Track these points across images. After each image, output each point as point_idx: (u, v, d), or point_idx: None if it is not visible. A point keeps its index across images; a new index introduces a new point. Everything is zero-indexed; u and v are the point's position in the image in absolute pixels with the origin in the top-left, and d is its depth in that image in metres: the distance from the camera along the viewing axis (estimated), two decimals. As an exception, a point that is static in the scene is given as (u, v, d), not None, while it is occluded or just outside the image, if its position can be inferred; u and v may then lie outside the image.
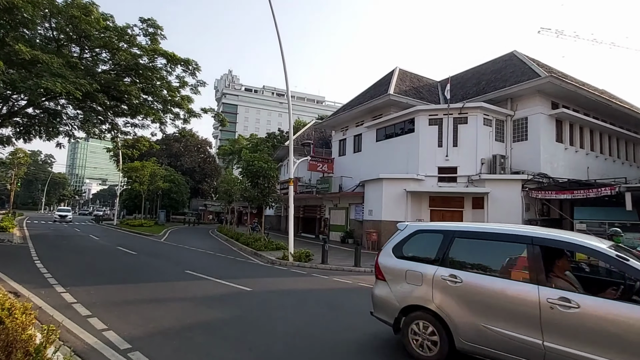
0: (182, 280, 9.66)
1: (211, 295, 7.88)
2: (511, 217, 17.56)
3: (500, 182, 18.15)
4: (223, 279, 9.82)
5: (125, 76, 21.00)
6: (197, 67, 20.64)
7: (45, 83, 14.91)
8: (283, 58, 15.23)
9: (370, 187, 21.89)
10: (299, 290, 9.18)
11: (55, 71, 15.62)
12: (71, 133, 23.23)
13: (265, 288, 9.11)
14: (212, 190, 67.21)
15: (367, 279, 11.34)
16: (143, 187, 36.27)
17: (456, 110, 19.64)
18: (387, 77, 26.69)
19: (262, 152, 31.11)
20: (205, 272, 10.88)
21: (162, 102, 21.10)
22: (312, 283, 10.23)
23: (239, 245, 20.63)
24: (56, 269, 10.33)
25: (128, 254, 15.22)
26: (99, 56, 20.47)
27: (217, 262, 14.32)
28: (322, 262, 13.82)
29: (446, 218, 19.60)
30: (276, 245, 18.37)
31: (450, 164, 19.64)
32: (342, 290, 9.45)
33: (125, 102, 21.62)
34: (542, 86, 18.66)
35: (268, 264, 14.44)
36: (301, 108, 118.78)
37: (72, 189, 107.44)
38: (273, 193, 20.01)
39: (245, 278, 10.36)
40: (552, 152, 19.33)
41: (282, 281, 10.37)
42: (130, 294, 7.76)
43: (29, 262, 11.52)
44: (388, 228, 19.94)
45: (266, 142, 48.16)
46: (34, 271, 9.95)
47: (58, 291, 7.65)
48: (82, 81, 16.79)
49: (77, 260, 12.76)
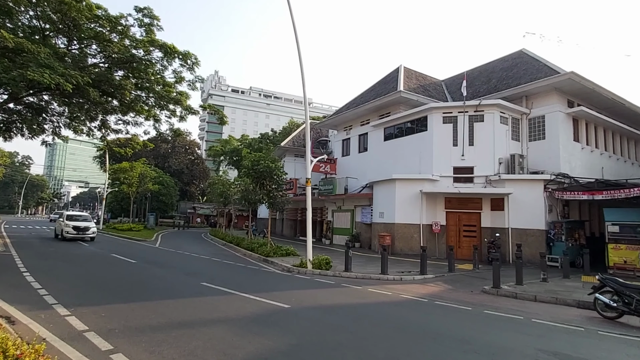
0: (203, 295, 8.35)
1: (247, 316, 6.63)
2: (534, 219, 16.85)
3: (521, 182, 17.36)
4: (249, 292, 8.56)
5: (118, 70, 19.44)
6: (197, 62, 19.25)
7: (32, 74, 13.34)
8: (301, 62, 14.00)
9: (381, 188, 20.86)
10: (344, 305, 7.97)
11: (43, 61, 14.05)
12: (57, 131, 21.47)
13: (303, 304, 7.88)
14: (200, 193, 65.20)
15: (403, 288, 10.27)
16: (132, 189, 34.35)
17: (472, 107, 18.81)
18: (393, 75, 25.79)
19: (269, 151, 29.68)
20: (224, 284, 9.59)
21: (158, 98, 19.56)
22: (350, 296, 9.05)
23: (243, 251, 19.31)
24: (51, 283, 8.88)
25: (126, 262, 13.72)
26: (89, 48, 18.86)
27: (230, 271, 12.99)
28: (345, 270, 12.65)
29: (463, 220, 18.75)
30: (286, 251, 17.12)
31: (466, 164, 18.78)
32: (390, 304, 8.31)
33: (117, 98, 20.06)
34: (561, 83, 18.02)
35: (285, 272, 13.19)
36: (289, 110, 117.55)
37: (51, 192, 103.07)
38: (281, 195, 18.70)
39: (273, 291, 9.11)
40: (570, 152, 18.70)
41: (315, 294, 9.16)
42: (151, 315, 6.44)
43: (17, 274, 9.98)
44: (402, 231, 19.00)
45: (259, 143, 46.72)
46: (25, 286, 8.48)
47: (61, 314, 6.28)
48: (73, 72, 15.26)
49: (72, 271, 11.25)
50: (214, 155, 54.63)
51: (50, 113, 20.10)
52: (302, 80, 13.98)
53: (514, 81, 20.20)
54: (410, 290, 10.14)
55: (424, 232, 18.59)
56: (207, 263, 14.71)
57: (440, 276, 12.80)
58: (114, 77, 18.52)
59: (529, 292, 10.00)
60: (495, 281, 10.53)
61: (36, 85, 15.48)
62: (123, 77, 18.92)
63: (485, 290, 10.45)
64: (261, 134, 51.10)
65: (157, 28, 18.49)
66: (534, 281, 11.84)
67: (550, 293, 9.86)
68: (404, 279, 12.04)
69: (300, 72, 13.93)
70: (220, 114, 21.31)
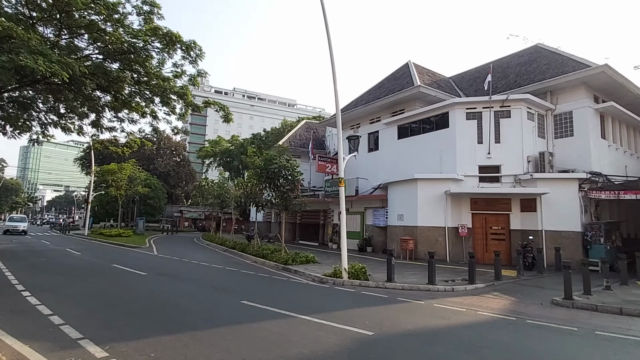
0: (256, 319, 6.86)
1: (336, 350, 5.22)
2: (569, 221, 15.98)
3: (554, 181, 16.48)
4: (306, 313, 7.15)
5: (113, 62, 17.59)
6: (201, 54, 17.53)
7: (25, 60, 11.53)
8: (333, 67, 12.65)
9: (398, 189, 19.69)
10: (434, 330, 6.54)
11: (35, 48, 12.24)
12: (45, 129, 19.41)
13: (385, 329, 6.45)
14: (184, 196, 62.74)
15: (469, 302, 9.04)
16: (120, 192, 32.09)
17: (497, 103, 17.86)
18: (403, 71, 24.74)
19: (282, 150, 28.01)
20: (267, 301, 8.12)
21: (160, 92, 17.78)
22: (426, 315, 7.66)
23: (252, 258, 17.77)
24: (61, 306, 7.24)
25: (135, 274, 12.03)
26: (80, 38, 16.97)
27: (258, 283, 11.48)
28: (388, 280, 11.34)
29: (490, 222, 17.74)
30: (305, 258, 15.70)
31: (492, 163, 17.80)
32: (482, 326, 7.03)
33: (112, 93, 18.21)
34: (591, 78, 17.30)
35: (317, 282, 11.79)
36: (274, 111, 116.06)
37: (26, 196, 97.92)
38: (296, 197, 17.24)
39: (332, 310, 7.71)
40: (599, 149, 18.00)
41: (384, 313, 7.74)
42: (215, 354, 4.95)
43: (14, 294, 8.26)
44: (425, 235, 17.86)
45: (251, 144, 44.98)
46: (31, 312, 6.82)
47: (96, 356, 4.73)
48: (70, 60, 13.49)
49: (78, 288, 9.53)
50: (204, 157, 52.43)
51: (39, 109, 18.04)
52: (333, 72, 12.65)
53: (537, 76, 19.40)
54: (477, 304, 8.91)
55: (449, 235, 17.50)
56: (227, 275, 13.13)
57: (491, 285, 11.65)
58: (111, 69, 16.76)
59: (610, 303, 8.91)
60: (568, 291, 9.40)
61: (28, 75, 13.59)
62: (119, 69, 17.12)
63: (558, 303, 9.31)
64: (253, 134, 49.34)
65: (157, 17, 16.80)
66: (595, 289, 10.80)
67: (635, 305, 8.81)
68: (455, 290, 10.84)
69: (330, 63, 12.59)
70: (226, 111, 19.63)
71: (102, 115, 19.64)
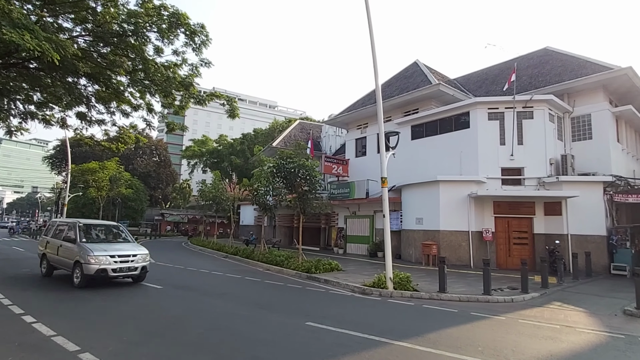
0: (350, 350, 5.48)
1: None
2: (594, 224, 15.57)
3: (579, 184, 16.05)
4: (397, 338, 5.96)
5: (105, 46, 15.67)
6: (207, 40, 15.87)
7: (8, 34, 9.64)
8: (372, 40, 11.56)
9: (416, 192, 18.81)
10: (571, 358, 5.54)
11: (20, 22, 10.33)
12: (24, 120, 17.18)
13: (516, 358, 5.39)
14: (162, 199, 59.89)
15: (548, 317, 8.14)
16: (101, 194, 29.62)
17: (520, 103, 17.33)
18: (412, 69, 24.04)
19: (299, 148, 26.54)
20: (334, 322, 6.87)
21: (162, 82, 16.01)
22: (530, 336, 6.54)
23: (264, 265, 16.38)
24: (84, 335, 5.70)
25: (150, 288, 10.43)
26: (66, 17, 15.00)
27: (297, 296, 10.15)
28: (440, 291, 10.32)
29: (512, 226, 17.12)
30: (329, 265, 14.49)
31: (515, 165, 17.24)
32: (601, 349, 6.09)
33: (102, 81, 16.29)
34: (612, 80, 17.10)
35: (359, 293, 10.62)
36: (254, 113, 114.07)
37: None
38: (316, 199, 16.01)
39: (423, 333, 6.50)
40: (617, 153, 17.82)
41: (481, 334, 6.59)
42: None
43: (16, 321, 6.55)
44: (448, 239, 17.03)
45: (241, 144, 43.18)
46: (47, 346, 5.21)
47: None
48: (62, 37, 11.70)
49: (93, 310, 7.83)
50: (190, 157, 49.96)
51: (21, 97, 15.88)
52: (374, 63, 11.57)
53: (553, 78, 19.10)
54: (557, 317, 8.06)
55: (472, 240, 16.74)
56: (253, 286, 11.69)
57: (544, 294, 10.85)
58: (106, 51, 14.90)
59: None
60: (640, 300, 8.71)
61: (12, 52, 11.64)
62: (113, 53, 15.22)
63: (632, 313, 8.60)
64: (243, 134, 47.53)
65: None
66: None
67: None
68: (515, 300, 9.94)
69: (372, 57, 11.49)
70: (232, 105, 18.11)
71: (91, 107, 17.60)
